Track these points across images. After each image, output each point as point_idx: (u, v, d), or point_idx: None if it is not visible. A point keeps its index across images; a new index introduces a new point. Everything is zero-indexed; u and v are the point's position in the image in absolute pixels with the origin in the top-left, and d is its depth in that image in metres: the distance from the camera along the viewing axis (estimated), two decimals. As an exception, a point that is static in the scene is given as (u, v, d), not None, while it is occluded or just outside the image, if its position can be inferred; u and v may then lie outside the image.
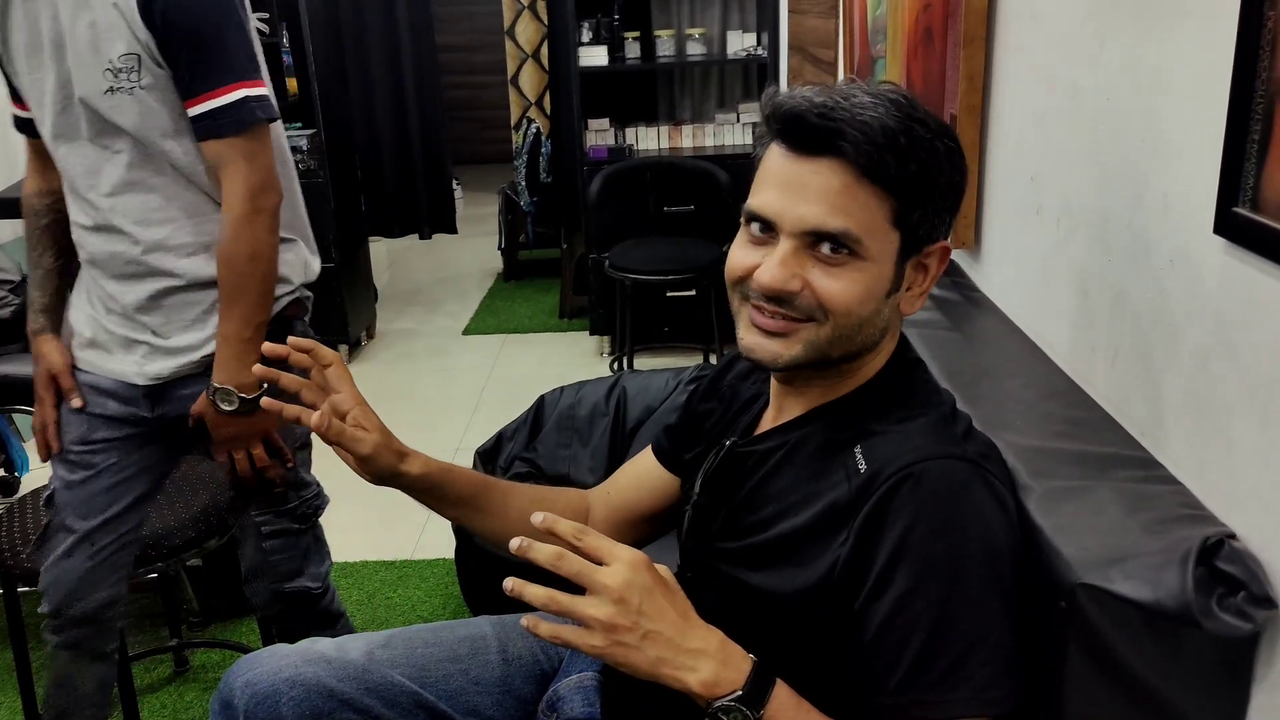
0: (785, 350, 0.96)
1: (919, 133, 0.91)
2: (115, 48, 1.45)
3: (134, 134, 1.50)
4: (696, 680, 0.86)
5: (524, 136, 4.64)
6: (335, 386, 1.14)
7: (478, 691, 1.22)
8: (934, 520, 0.88)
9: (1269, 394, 0.84)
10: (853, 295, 0.93)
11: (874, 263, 0.94)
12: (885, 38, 2.17)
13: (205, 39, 1.46)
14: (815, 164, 0.92)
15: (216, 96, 1.47)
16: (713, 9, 4.34)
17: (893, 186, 0.91)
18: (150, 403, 1.64)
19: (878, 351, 1.02)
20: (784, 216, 0.93)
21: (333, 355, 1.15)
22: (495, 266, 5.61)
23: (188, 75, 1.47)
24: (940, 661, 0.87)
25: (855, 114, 0.90)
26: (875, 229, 0.92)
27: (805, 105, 0.91)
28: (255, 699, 1.13)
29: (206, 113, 1.48)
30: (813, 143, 0.92)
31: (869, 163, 0.90)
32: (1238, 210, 0.86)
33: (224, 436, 1.57)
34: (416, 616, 2.51)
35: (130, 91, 1.47)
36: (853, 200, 0.91)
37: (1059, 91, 1.30)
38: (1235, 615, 0.82)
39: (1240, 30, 0.84)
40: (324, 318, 4.13)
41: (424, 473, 1.16)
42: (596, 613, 0.84)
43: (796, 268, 0.94)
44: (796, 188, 0.93)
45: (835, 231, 0.92)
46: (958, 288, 1.65)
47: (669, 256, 3.67)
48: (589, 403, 2.50)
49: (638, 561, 0.86)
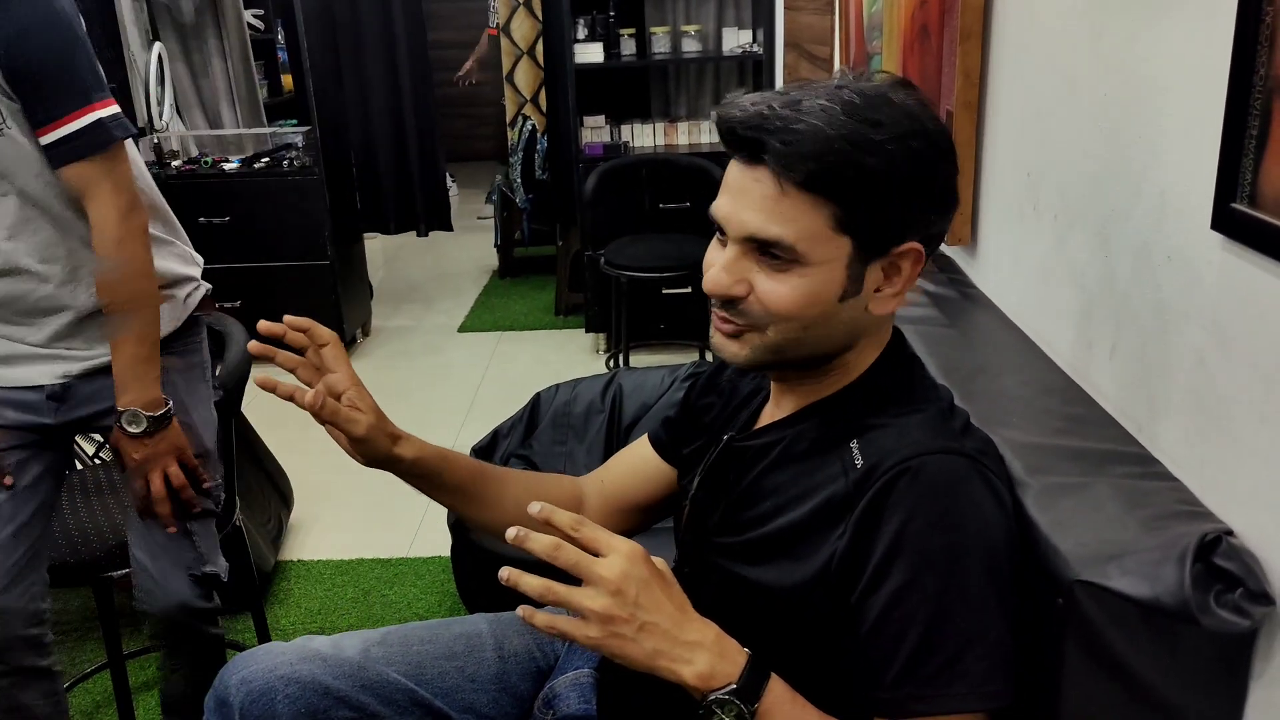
0: (740, 351, 0.99)
1: (866, 136, 0.89)
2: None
3: (12, 173, 1.49)
4: (692, 673, 0.85)
5: (520, 134, 4.63)
6: (331, 366, 1.12)
7: (474, 689, 1.22)
8: (931, 515, 0.88)
9: (1267, 390, 0.84)
10: (793, 300, 0.94)
11: (819, 267, 0.93)
12: (881, 34, 2.17)
13: (51, 66, 1.44)
14: (755, 171, 0.93)
15: (70, 121, 1.46)
16: (708, 6, 4.33)
17: (829, 193, 0.90)
18: (54, 406, 1.64)
19: (860, 350, 1.01)
20: (729, 221, 0.96)
21: (329, 335, 1.14)
22: (491, 264, 5.61)
23: (39, 104, 1.45)
24: (937, 656, 0.87)
25: (788, 123, 0.89)
26: (814, 235, 0.91)
27: (739, 115, 0.92)
28: (250, 696, 1.13)
29: (62, 138, 1.47)
30: (745, 151, 0.93)
31: (794, 172, 0.89)
32: (1235, 206, 0.86)
33: (137, 461, 1.55)
34: (412, 614, 2.50)
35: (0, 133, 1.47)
36: (789, 208, 0.91)
37: (1056, 87, 1.30)
38: (1233, 612, 0.82)
39: (1238, 24, 0.84)
40: (319, 314, 4.11)
41: (418, 457, 1.14)
42: (593, 604, 0.84)
43: (742, 273, 0.96)
44: (741, 194, 0.94)
45: (769, 239, 0.92)
46: (954, 284, 1.65)
47: (664, 253, 3.67)
48: (585, 400, 2.49)
49: (635, 553, 0.86)
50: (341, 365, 1.13)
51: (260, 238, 4.02)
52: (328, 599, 2.57)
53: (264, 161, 4.07)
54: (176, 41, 4.41)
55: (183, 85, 4.44)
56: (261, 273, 4.06)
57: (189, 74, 4.48)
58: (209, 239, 3.98)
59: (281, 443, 2.84)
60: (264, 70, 5.06)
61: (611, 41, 4.13)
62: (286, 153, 4.16)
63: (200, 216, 3.96)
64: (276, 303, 4.08)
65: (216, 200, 3.97)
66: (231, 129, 4.55)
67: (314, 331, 1.12)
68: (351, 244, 4.38)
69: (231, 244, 4.00)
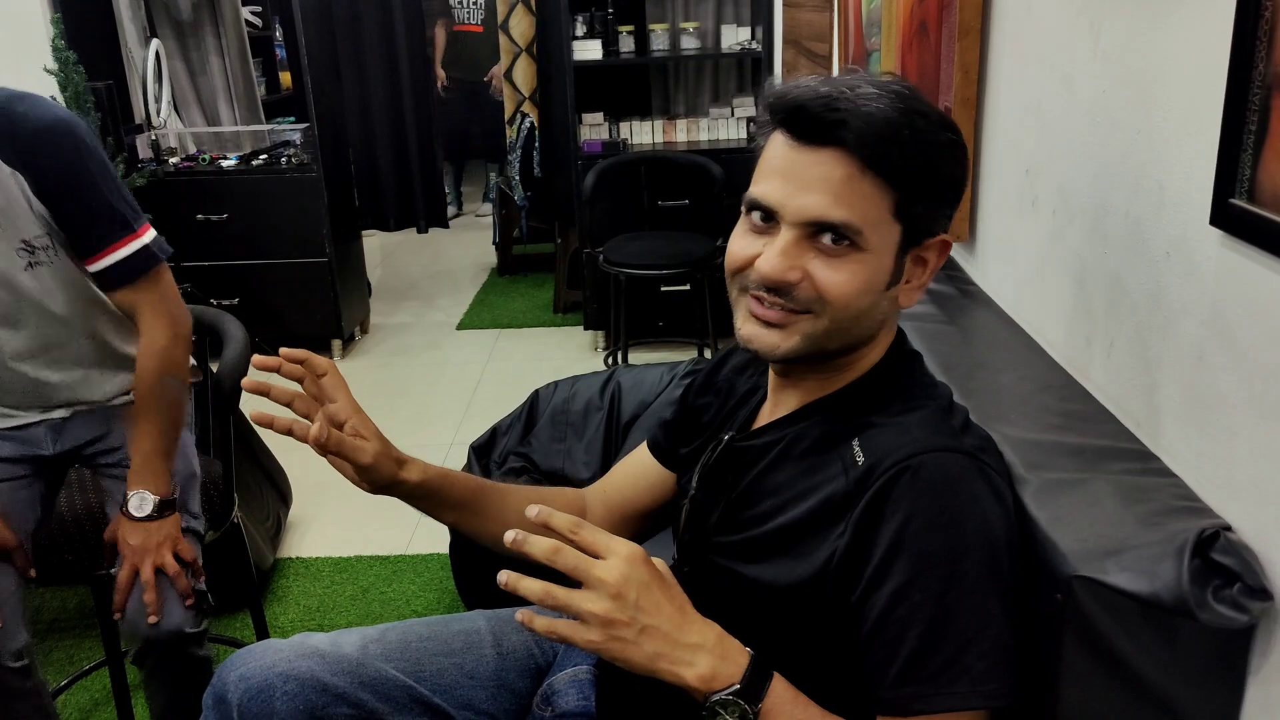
0: (783, 341, 0.96)
1: (921, 125, 0.91)
2: (29, 228, 1.56)
3: (52, 298, 1.63)
4: (694, 675, 0.85)
5: (518, 131, 4.62)
6: (331, 395, 1.11)
7: (472, 686, 1.22)
8: (931, 513, 0.88)
9: (1265, 386, 0.84)
10: (852, 287, 0.93)
11: (874, 254, 0.93)
12: (880, 30, 2.17)
13: (90, 202, 1.57)
14: (818, 154, 0.92)
15: (117, 250, 1.61)
16: (707, 3, 4.33)
17: (895, 178, 0.91)
18: (54, 437, 1.72)
19: (874, 345, 1.01)
20: (785, 206, 0.93)
21: (327, 364, 1.12)
22: (489, 261, 5.60)
23: (85, 237, 1.60)
24: (938, 655, 0.87)
25: (859, 105, 0.90)
26: (877, 220, 0.92)
27: (809, 95, 0.91)
28: (249, 693, 1.13)
29: (111, 266, 1.61)
30: (816, 133, 0.91)
31: (872, 154, 0.90)
32: (1234, 202, 0.86)
33: (134, 545, 1.57)
34: (411, 611, 2.50)
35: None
36: (855, 191, 0.91)
37: (1054, 83, 1.30)
38: (1231, 607, 0.82)
39: (1237, 20, 0.84)
40: (317, 312, 4.13)
41: (422, 479, 1.14)
42: (593, 607, 0.83)
43: (797, 258, 0.93)
44: (799, 177, 0.92)
45: (837, 222, 0.91)
46: (953, 281, 1.65)
47: (663, 251, 3.67)
48: (583, 397, 2.49)
49: (634, 555, 0.86)
50: (342, 394, 1.12)
51: (258, 235, 4.02)
52: (326, 596, 2.57)
53: (262, 159, 4.06)
54: (174, 39, 4.41)
55: (180, 82, 4.44)
56: (259, 270, 4.05)
57: (187, 71, 4.47)
58: (207, 236, 3.98)
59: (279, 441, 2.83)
60: (262, 67, 5.06)
61: (610, 39, 4.13)
62: (284, 150, 4.15)
63: (198, 214, 3.96)
64: (274, 300, 4.08)
65: (214, 197, 3.97)
66: (229, 126, 4.54)
67: (311, 362, 1.10)
68: (350, 241, 4.37)
69: (229, 241, 4.00)
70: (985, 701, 0.87)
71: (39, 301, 1.61)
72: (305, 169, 3.97)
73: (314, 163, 3.97)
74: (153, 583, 1.56)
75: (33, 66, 3.51)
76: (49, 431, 1.73)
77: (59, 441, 1.74)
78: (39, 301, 1.61)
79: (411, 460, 1.14)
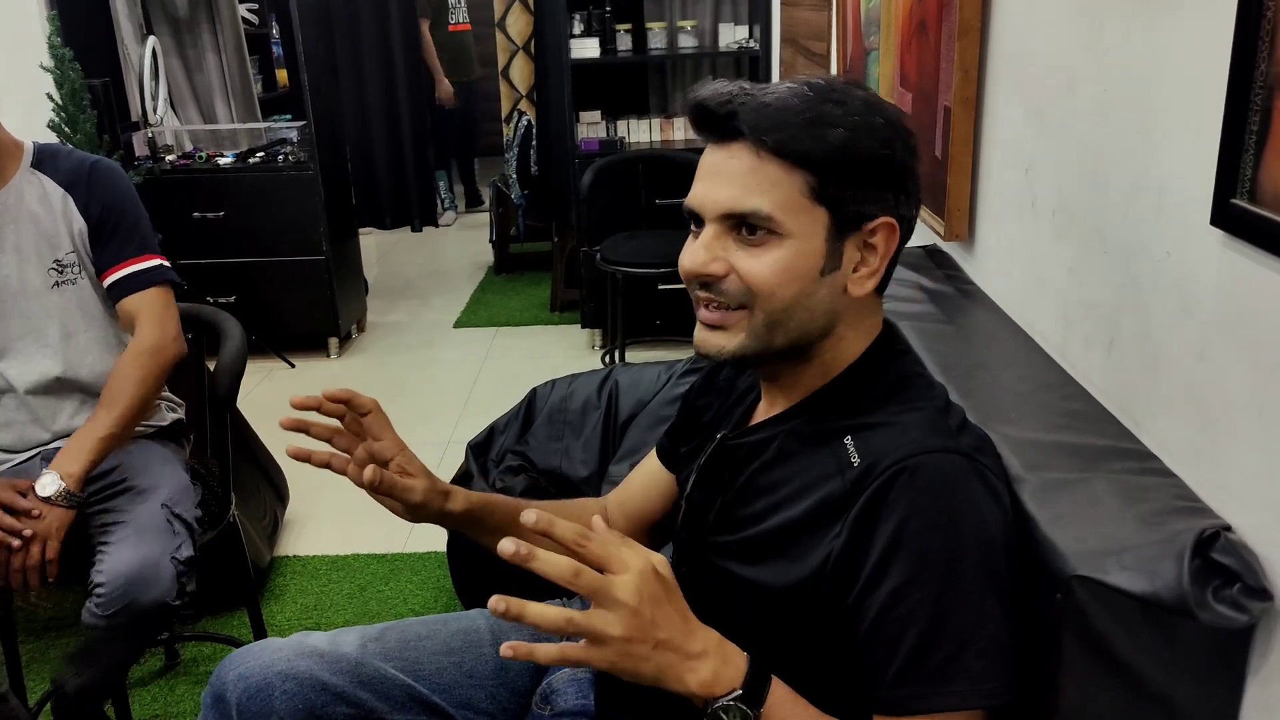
0: (727, 342, 0.98)
1: (828, 110, 0.92)
2: (63, 245, 1.77)
3: (74, 317, 1.80)
4: (696, 681, 0.85)
5: (515, 129, 4.62)
6: (376, 434, 1.11)
7: (471, 684, 1.22)
8: (929, 514, 0.88)
9: (1266, 386, 0.84)
10: (773, 273, 0.94)
11: (796, 239, 0.94)
12: (879, 30, 2.17)
13: (128, 224, 1.81)
14: (728, 149, 0.95)
15: (137, 262, 1.81)
16: (705, 1, 4.33)
17: (802, 160, 0.92)
18: (44, 465, 1.72)
19: (839, 339, 1.00)
20: (703, 203, 0.96)
21: (371, 402, 1.11)
22: (486, 260, 5.60)
23: (113, 250, 1.79)
24: (936, 655, 0.87)
25: (757, 96, 0.93)
26: (790, 204, 0.93)
27: (709, 94, 0.95)
28: (248, 692, 1.13)
29: (128, 275, 1.79)
30: (715, 127, 0.95)
31: (768, 139, 0.92)
32: (1235, 202, 0.86)
33: (39, 526, 1.58)
34: (409, 610, 2.50)
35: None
36: (763, 178, 0.93)
37: (1055, 83, 1.30)
38: (1231, 607, 0.82)
39: (1239, 20, 0.84)
40: (314, 310, 4.12)
41: (466, 508, 1.15)
42: (614, 630, 0.81)
43: (719, 251, 0.96)
44: (714, 175, 0.96)
45: (746, 211, 0.93)
46: (952, 281, 1.65)
47: (660, 249, 3.66)
48: (581, 396, 2.49)
49: (646, 570, 0.83)
50: (387, 432, 1.12)
51: (255, 233, 4.01)
52: (323, 595, 2.56)
53: (259, 156, 4.05)
54: (170, 36, 4.40)
55: (177, 80, 4.43)
56: (256, 268, 4.04)
57: (183, 69, 4.46)
58: (203, 234, 3.97)
59: (276, 438, 2.83)
60: (259, 65, 5.04)
61: (608, 37, 4.12)
62: (281, 148, 4.14)
63: (195, 211, 3.95)
64: (271, 298, 4.08)
65: (211, 195, 3.96)
66: (226, 124, 4.54)
67: (355, 401, 1.10)
68: (347, 239, 4.37)
69: (226, 239, 3.99)
70: (983, 701, 0.87)
71: (60, 319, 1.78)
72: (302, 167, 3.96)
73: (311, 161, 3.97)
74: (37, 564, 1.57)
75: (29, 63, 3.50)
76: (43, 463, 1.75)
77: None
78: (60, 319, 1.78)
79: (454, 490, 1.15)
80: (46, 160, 1.79)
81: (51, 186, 1.77)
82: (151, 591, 1.57)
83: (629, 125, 4.22)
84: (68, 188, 1.78)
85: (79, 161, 1.81)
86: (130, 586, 1.56)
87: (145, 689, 2.22)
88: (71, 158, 1.81)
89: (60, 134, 3.52)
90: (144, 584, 1.57)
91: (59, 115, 3.48)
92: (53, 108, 3.46)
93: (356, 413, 1.11)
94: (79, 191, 1.78)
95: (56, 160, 1.80)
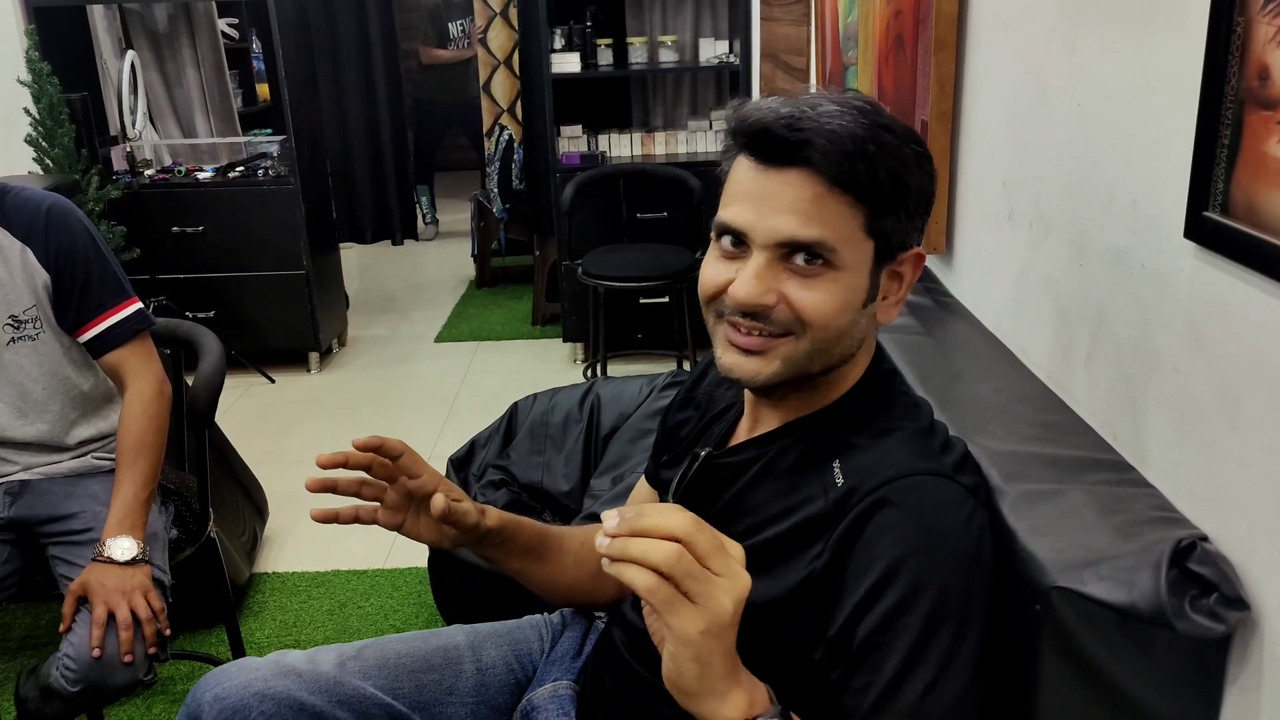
0: (764, 368, 0.95)
1: (887, 139, 0.91)
2: (21, 301, 1.69)
3: (34, 374, 1.74)
4: (734, 704, 0.81)
5: (497, 143, 4.62)
6: (415, 471, 1.10)
7: (452, 702, 1.20)
8: (913, 538, 0.87)
9: (1240, 397, 0.85)
10: (830, 306, 0.92)
11: (849, 272, 0.93)
12: (857, 45, 2.18)
13: (93, 273, 1.72)
14: (785, 175, 0.91)
15: (113, 314, 1.74)
16: (685, 16, 4.35)
17: (864, 194, 0.91)
18: (9, 501, 1.74)
19: (853, 364, 1.00)
20: (756, 229, 0.92)
21: (400, 445, 1.10)
22: (467, 273, 5.58)
23: (82, 306, 1.72)
24: (916, 681, 0.85)
25: (823, 123, 0.89)
26: (848, 238, 0.92)
27: (771, 117, 0.90)
28: (224, 714, 1.11)
29: (107, 329, 1.74)
30: (781, 154, 0.90)
31: (839, 172, 0.89)
32: (1208, 215, 0.87)
33: (110, 588, 1.57)
34: (389, 626, 2.48)
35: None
36: (825, 210, 0.90)
37: (1030, 97, 1.31)
38: (1208, 617, 0.82)
39: (1210, 36, 0.85)
40: (294, 325, 4.10)
41: (499, 525, 1.14)
42: (696, 626, 0.77)
43: (771, 281, 0.92)
44: (767, 200, 0.91)
45: (809, 241, 0.90)
46: (930, 293, 1.66)
47: (642, 263, 3.67)
48: (562, 410, 2.48)
49: (748, 584, 0.80)
50: (424, 467, 1.12)
51: (235, 247, 3.99)
52: (303, 611, 2.54)
53: (239, 171, 4.04)
54: (150, 50, 4.38)
55: (156, 94, 4.41)
56: (236, 283, 4.02)
57: (162, 83, 4.44)
58: (183, 249, 3.95)
59: (256, 454, 2.81)
60: (239, 79, 5.03)
61: (589, 52, 4.13)
62: (261, 162, 4.13)
63: (174, 226, 3.93)
64: (251, 313, 4.05)
65: (190, 210, 3.94)
66: (205, 138, 4.52)
67: (386, 447, 1.08)
68: (327, 253, 4.35)
69: (205, 254, 3.97)
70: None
71: (15, 379, 1.71)
72: (282, 181, 3.95)
73: (291, 175, 3.95)
74: (130, 622, 1.56)
75: (6, 78, 3.48)
76: (4, 495, 1.75)
77: (13, 507, 1.75)
78: (15, 379, 1.71)
79: (486, 508, 1.14)
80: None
81: (8, 240, 1.67)
82: (121, 675, 1.55)
83: (610, 139, 4.23)
84: (25, 240, 1.68)
85: (33, 208, 1.69)
86: (104, 670, 1.54)
87: (121, 708, 2.19)
88: (23, 204, 1.69)
89: (38, 148, 3.50)
90: (114, 668, 1.55)
91: (37, 130, 3.45)
92: (30, 122, 3.44)
93: (388, 457, 1.09)
94: (36, 242, 1.68)
95: (4, 205, 1.68)
